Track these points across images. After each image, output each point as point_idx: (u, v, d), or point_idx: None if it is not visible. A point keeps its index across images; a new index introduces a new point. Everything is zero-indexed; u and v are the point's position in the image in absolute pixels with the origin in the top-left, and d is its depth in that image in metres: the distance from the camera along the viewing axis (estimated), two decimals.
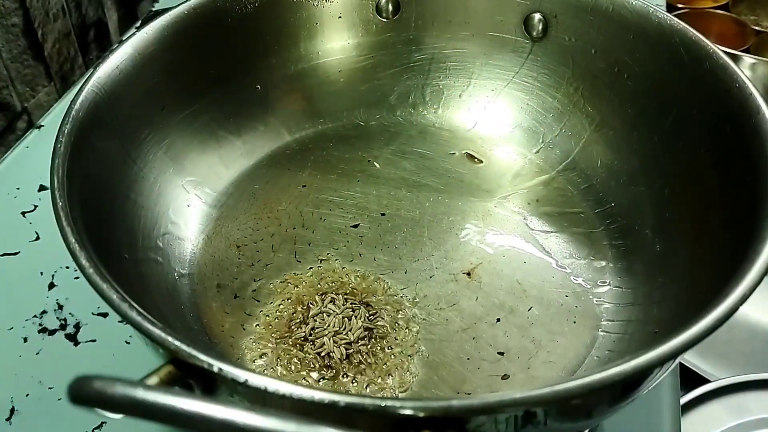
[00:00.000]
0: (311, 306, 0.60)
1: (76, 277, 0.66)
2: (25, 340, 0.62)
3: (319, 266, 0.63)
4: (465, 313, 0.59)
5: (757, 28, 1.31)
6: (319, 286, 0.61)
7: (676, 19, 0.60)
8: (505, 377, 0.55)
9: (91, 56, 1.03)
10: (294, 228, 0.66)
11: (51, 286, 0.66)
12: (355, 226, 0.66)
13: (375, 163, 0.72)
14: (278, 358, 0.56)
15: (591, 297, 0.60)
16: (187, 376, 0.38)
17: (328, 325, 0.58)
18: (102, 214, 0.53)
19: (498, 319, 0.59)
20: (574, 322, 0.58)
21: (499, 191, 0.69)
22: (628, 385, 0.43)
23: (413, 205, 0.68)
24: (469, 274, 0.62)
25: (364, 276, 0.62)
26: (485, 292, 0.61)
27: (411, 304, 0.60)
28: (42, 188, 0.75)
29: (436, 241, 0.65)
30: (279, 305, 0.60)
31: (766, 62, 1.18)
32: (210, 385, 0.39)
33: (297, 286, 0.61)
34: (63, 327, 0.63)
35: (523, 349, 0.57)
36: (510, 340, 0.57)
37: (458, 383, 0.55)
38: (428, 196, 0.69)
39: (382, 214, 0.67)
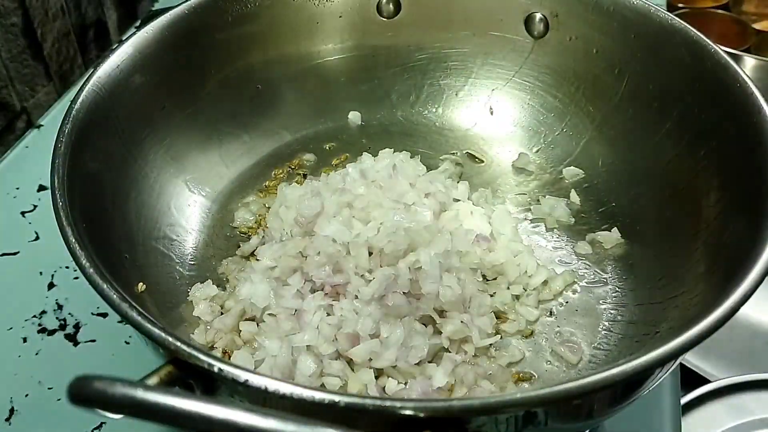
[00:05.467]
0: None
1: (76, 277, 0.66)
2: (25, 340, 0.62)
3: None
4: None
5: (758, 27, 1.31)
6: None
7: (677, 18, 0.60)
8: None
9: (90, 56, 1.03)
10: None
11: (50, 286, 0.66)
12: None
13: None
14: None
15: (592, 297, 0.60)
16: (188, 376, 0.39)
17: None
18: (102, 214, 0.53)
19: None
20: (576, 322, 0.58)
21: (500, 190, 0.69)
22: (629, 386, 0.43)
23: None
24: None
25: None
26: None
27: None
28: (41, 188, 0.75)
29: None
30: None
31: (767, 62, 1.18)
32: (210, 385, 0.39)
33: None
34: (62, 327, 0.63)
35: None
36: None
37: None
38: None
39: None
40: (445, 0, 0.72)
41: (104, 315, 0.64)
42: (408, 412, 0.36)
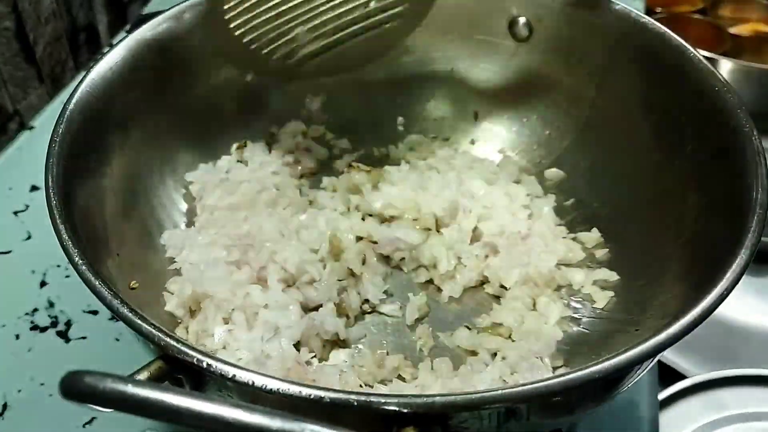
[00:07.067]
0: None
1: (67, 276, 0.67)
2: (17, 337, 0.62)
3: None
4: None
5: (734, 31, 1.32)
6: None
7: (657, 23, 0.61)
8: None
9: (81, 59, 1.04)
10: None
11: (42, 284, 0.67)
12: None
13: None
14: None
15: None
16: (177, 372, 0.39)
17: None
18: (94, 213, 0.54)
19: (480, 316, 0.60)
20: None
21: None
22: (609, 383, 0.44)
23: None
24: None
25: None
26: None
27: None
28: (34, 188, 0.75)
29: None
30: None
31: (744, 66, 1.19)
32: (199, 380, 0.40)
33: None
34: (54, 324, 0.63)
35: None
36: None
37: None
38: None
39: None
40: (432, 5, 0.72)
41: (95, 312, 0.64)
42: (392, 408, 0.37)
